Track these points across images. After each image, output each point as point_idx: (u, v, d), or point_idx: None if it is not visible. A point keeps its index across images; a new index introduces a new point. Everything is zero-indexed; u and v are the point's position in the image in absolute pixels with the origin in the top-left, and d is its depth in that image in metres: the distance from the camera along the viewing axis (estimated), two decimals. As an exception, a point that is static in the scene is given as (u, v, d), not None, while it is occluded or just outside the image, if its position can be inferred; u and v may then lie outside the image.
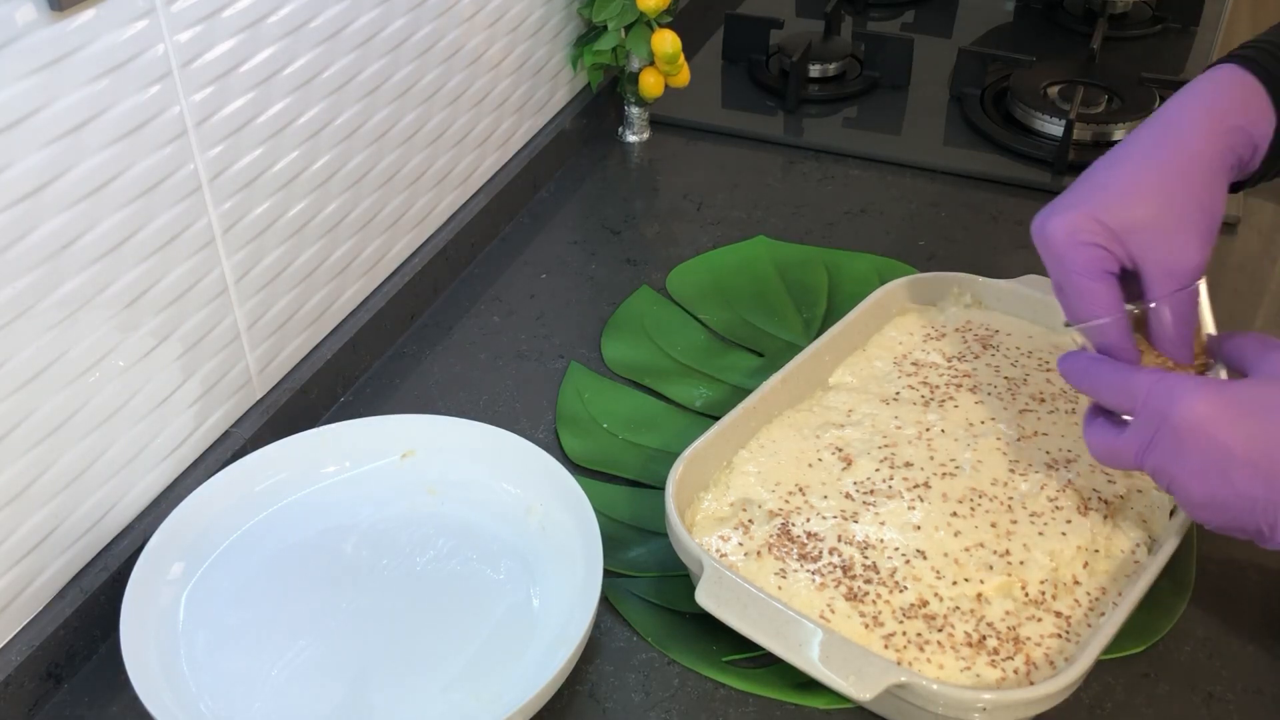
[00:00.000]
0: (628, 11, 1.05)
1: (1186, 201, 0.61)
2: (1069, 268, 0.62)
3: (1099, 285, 0.62)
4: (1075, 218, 0.62)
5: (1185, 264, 0.62)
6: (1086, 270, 0.62)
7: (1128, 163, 0.63)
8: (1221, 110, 0.62)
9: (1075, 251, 0.62)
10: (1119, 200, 0.61)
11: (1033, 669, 0.64)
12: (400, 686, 0.67)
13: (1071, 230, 0.62)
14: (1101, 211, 0.61)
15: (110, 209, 0.65)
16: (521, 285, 0.98)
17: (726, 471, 0.75)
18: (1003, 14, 1.40)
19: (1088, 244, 0.61)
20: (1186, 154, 0.62)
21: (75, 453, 0.68)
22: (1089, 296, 0.63)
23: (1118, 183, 0.62)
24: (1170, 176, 0.62)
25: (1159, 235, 0.61)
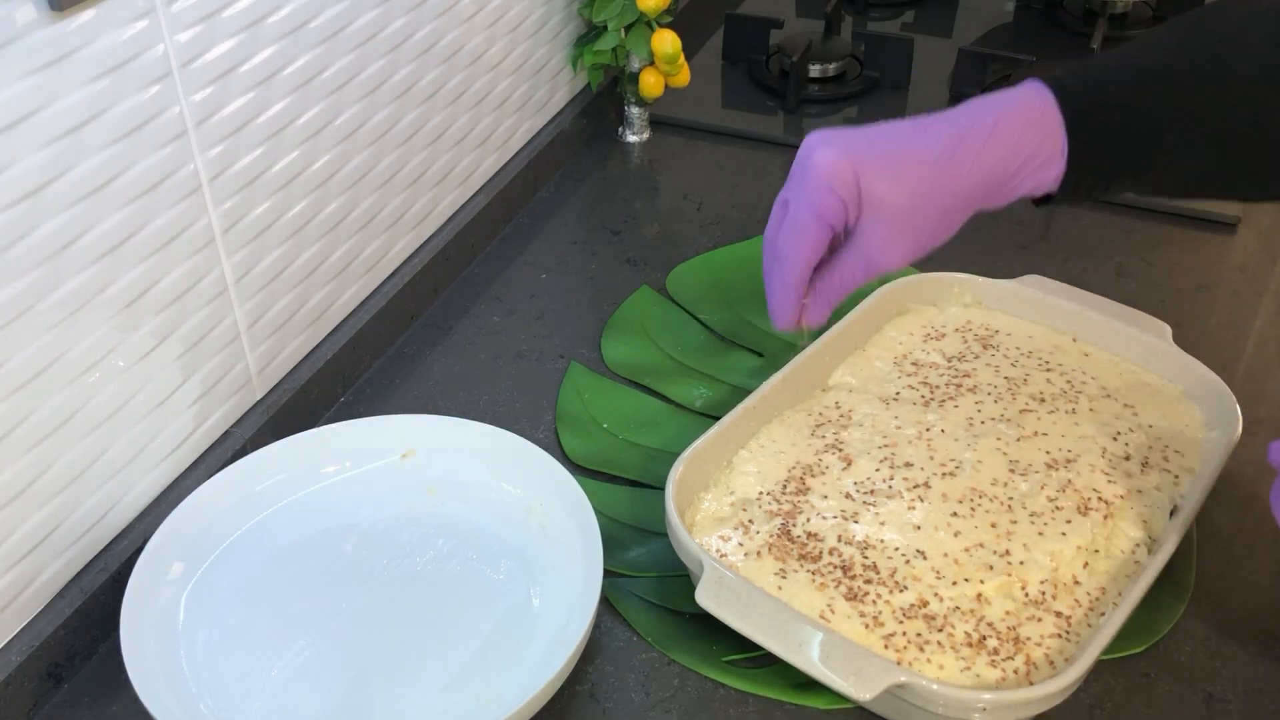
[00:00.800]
0: (628, 11, 1.05)
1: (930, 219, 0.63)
2: (810, 205, 0.63)
3: (820, 232, 0.63)
4: (842, 164, 0.62)
5: (889, 265, 0.64)
6: (821, 214, 0.63)
7: (914, 153, 0.62)
8: (1010, 147, 0.61)
9: (826, 195, 0.62)
10: (877, 177, 0.62)
11: (1033, 669, 0.64)
12: (400, 686, 0.67)
13: (832, 173, 0.62)
14: (862, 170, 0.62)
15: (110, 209, 0.65)
16: (521, 285, 0.98)
17: (726, 471, 0.75)
18: (1003, 14, 1.40)
19: (835, 193, 0.62)
20: (957, 174, 0.62)
21: (75, 453, 0.68)
22: (800, 240, 0.64)
23: (887, 160, 0.62)
24: (932, 189, 0.62)
25: (885, 233, 0.62)
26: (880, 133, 0.63)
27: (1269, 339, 0.91)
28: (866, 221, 0.62)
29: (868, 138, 0.63)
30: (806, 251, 0.64)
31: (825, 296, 0.66)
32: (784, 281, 0.65)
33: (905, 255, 0.63)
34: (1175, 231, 1.03)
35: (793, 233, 0.64)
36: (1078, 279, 0.89)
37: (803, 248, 0.64)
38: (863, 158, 0.62)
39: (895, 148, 0.62)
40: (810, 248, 0.64)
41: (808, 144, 0.63)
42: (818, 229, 0.63)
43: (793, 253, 0.64)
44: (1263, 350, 0.90)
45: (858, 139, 0.63)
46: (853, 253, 0.64)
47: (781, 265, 0.65)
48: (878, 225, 0.62)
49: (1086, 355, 0.84)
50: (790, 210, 0.64)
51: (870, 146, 0.62)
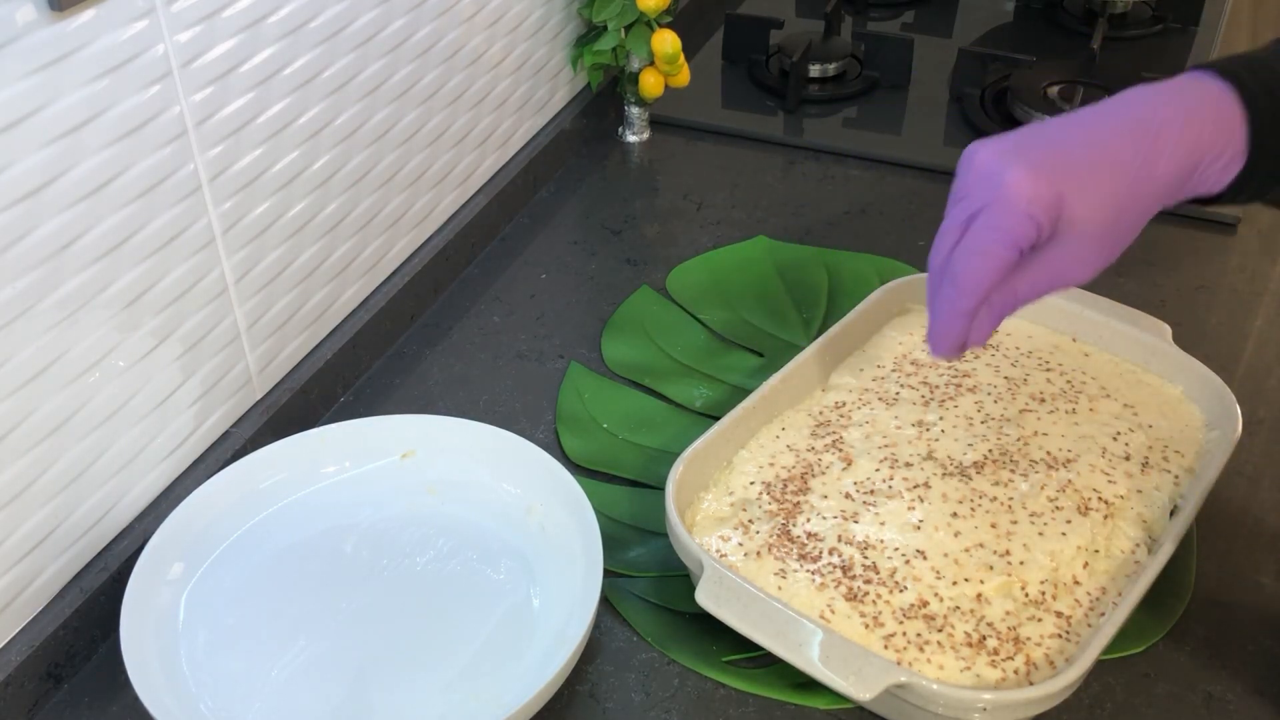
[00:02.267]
0: (628, 11, 1.05)
1: (1125, 229, 0.59)
2: (1001, 232, 0.57)
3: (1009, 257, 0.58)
4: (1043, 188, 0.56)
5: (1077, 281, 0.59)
6: (1015, 241, 0.57)
7: (1110, 163, 0.58)
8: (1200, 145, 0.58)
9: (1022, 221, 0.57)
10: (1080, 195, 0.57)
11: (1033, 669, 0.64)
12: (400, 686, 0.67)
13: (1033, 197, 0.56)
14: (1064, 191, 0.57)
15: (110, 209, 0.65)
16: (521, 285, 0.98)
17: (726, 471, 0.75)
18: (1003, 14, 1.40)
19: (1034, 219, 0.57)
20: (1151, 177, 0.58)
21: (75, 453, 0.68)
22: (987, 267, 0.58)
23: (1087, 173, 0.57)
24: (1129, 198, 0.58)
25: (1080, 251, 0.58)
26: (1064, 139, 0.58)
27: (1269, 339, 0.91)
28: (1063, 239, 0.57)
29: (1059, 148, 0.58)
30: (991, 278, 0.58)
31: (999, 312, 0.60)
32: (959, 309, 0.59)
33: (1098, 268, 0.59)
34: (1175, 231, 1.03)
35: (979, 257, 0.58)
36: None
37: (988, 275, 0.58)
38: (1061, 175, 0.57)
39: (1090, 157, 0.57)
40: (996, 275, 0.58)
41: (988, 159, 0.58)
42: (1008, 256, 0.58)
43: (975, 280, 0.58)
44: (1263, 350, 0.90)
45: (1049, 151, 0.58)
46: (1041, 268, 0.58)
47: (959, 291, 0.59)
48: (1074, 243, 0.57)
49: (1086, 355, 0.84)
50: (977, 232, 0.58)
51: (1065, 160, 0.57)
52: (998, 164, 0.57)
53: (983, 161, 0.58)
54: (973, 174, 0.59)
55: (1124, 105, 0.60)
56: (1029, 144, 0.58)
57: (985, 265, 0.58)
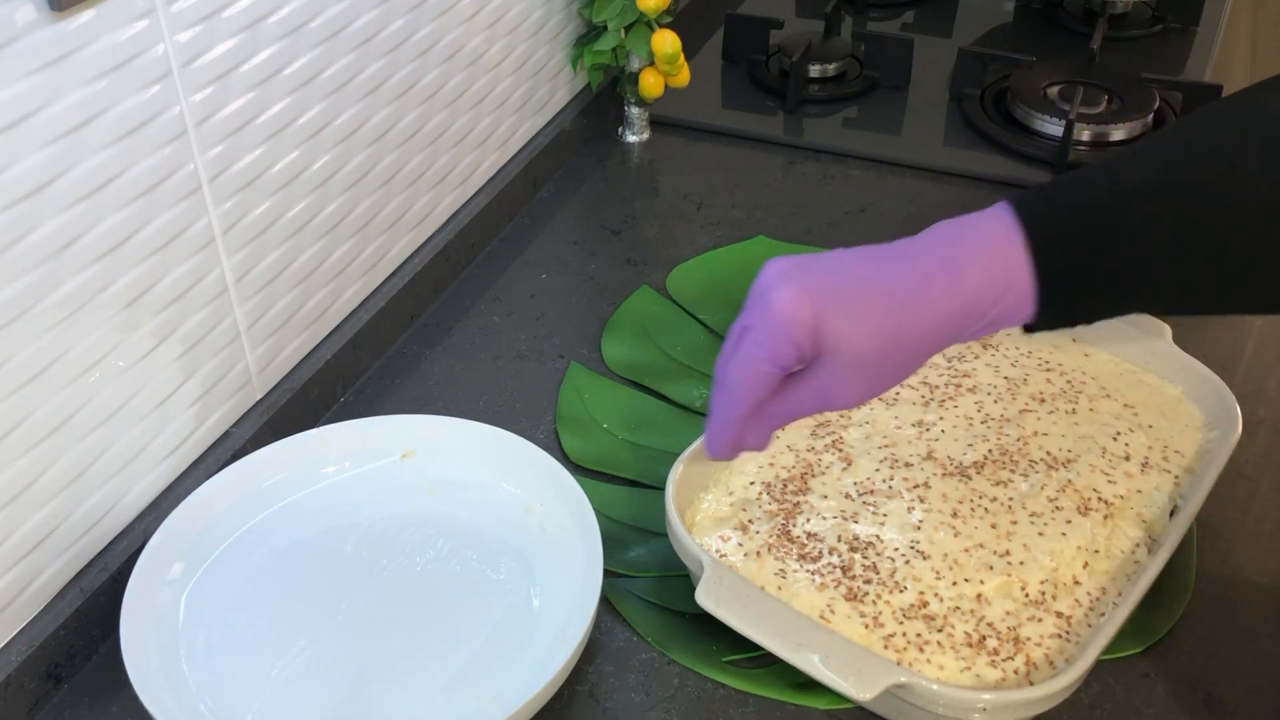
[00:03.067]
0: (628, 11, 1.05)
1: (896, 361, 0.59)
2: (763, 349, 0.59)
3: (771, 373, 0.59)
4: (804, 311, 0.57)
5: (843, 405, 0.60)
6: (776, 359, 0.59)
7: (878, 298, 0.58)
8: (975, 291, 0.57)
9: (782, 341, 0.58)
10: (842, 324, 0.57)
11: (1033, 669, 0.64)
12: (400, 686, 0.67)
13: (794, 320, 0.57)
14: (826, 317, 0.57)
15: (110, 209, 0.65)
16: (521, 285, 0.98)
17: (726, 471, 0.75)
18: (1003, 14, 1.40)
19: (793, 341, 0.58)
20: (922, 315, 0.57)
21: (75, 453, 0.68)
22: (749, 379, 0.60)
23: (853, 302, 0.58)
24: (896, 333, 0.57)
25: (843, 376, 0.59)
26: (843, 269, 0.59)
27: (1269, 339, 0.91)
28: (825, 362, 0.58)
29: (831, 275, 0.58)
30: (756, 391, 0.60)
31: (770, 424, 0.62)
32: (728, 416, 0.62)
33: (862, 395, 0.59)
34: (1175, 231, 1.02)
35: (744, 368, 0.60)
36: (1078, 279, 0.89)
37: (753, 387, 0.60)
38: (824, 301, 0.57)
39: (859, 289, 0.58)
40: (760, 387, 0.60)
41: (768, 276, 0.59)
42: (770, 371, 0.59)
43: (741, 390, 0.60)
44: (1263, 350, 0.90)
45: (820, 276, 0.58)
46: (807, 387, 0.60)
47: (727, 399, 0.61)
48: (835, 367, 0.58)
49: (1086, 355, 0.84)
50: (744, 346, 0.60)
51: (833, 286, 0.58)
52: (771, 282, 0.58)
53: (762, 278, 0.59)
54: (754, 288, 0.60)
55: (912, 243, 0.59)
56: (807, 269, 0.59)
57: (749, 379, 0.60)
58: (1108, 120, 1.12)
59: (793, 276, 0.58)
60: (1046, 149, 1.11)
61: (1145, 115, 1.13)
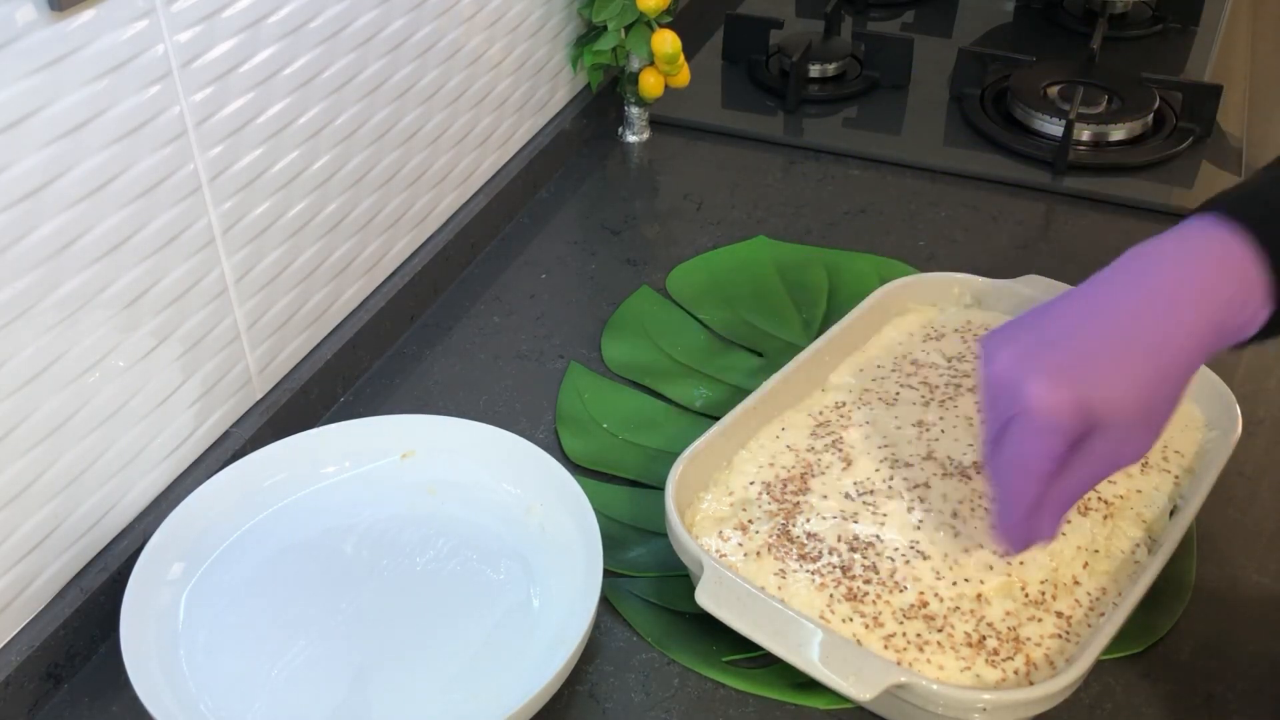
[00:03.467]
0: (628, 11, 1.05)
1: (1162, 403, 0.58)
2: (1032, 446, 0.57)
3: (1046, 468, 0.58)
4: (1064, 394, 0.56)
5: (1132, 461, 0.59)
6: (1048, 453, 0.57)
7: (1130, 353, 0.57)
8: (1220, 309, 0.56)
9: (1050, 434, 0.57)
10: (1106, 392, 0.56)
11: (1033, 669, 0.64)
12: (400, 686, 0.67)
13: (1056, 407, 0.56)
14: (1088, 392, 0.56)
15: (110, 209, 0.65)
16: (521, 285, 0.98)
17: (726, 471, 0.75)
18: (1003, 14, 1.40)
19: (1060, 428, 0.56)
20: (1176, 351, 0.57)
21: (75, 453, 0.68)
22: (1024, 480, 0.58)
23: (1109, 367, 0.56)
24: (1158, 378, 0.57)
25: (1123, 439, 0.57)
26: (1079, 333, 0.57)
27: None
28: (1101, 435, 0.57)
29: (1071, 344, 0.57)
30: (1035, 487, 0.59)
31: (1061, 507, 0.60)
32: (1014, 518, 0.60)
33: (1149, 444, 0.58)
34: (1175, 231, 1.02)
35: (1017, 472, 0.58)
36: (1078, 279, 0.88)
37: (1031, 486, 0.59)
38: (1082, 376, 0.56)
39: (1107, 351, 0.56)
40: (1040, 483, 0.58)
41: (1007, 367, 0.57)
42: (1043, 467, 0.58)
43: (1019, 491, 0.59)
44: (1263, 350, 0.90)
45: (1063, 352, 0.57)
46: (1091, 460, 0.58)
47: (1009, 503, 0.60)
48: (1113, 432, 0.57)
49: (1086, 355, 0.84)
50: (1010, 449, 0.58)
51: (1084, 358, 0.56)
52: (1016, 374, 0.57)
53: (1001, 370, 0.58)
54: (994, 382, 0.59)
55: (1132, 279, 0.58)
56: (1046, 343, 0.57)
57: (1026, 479, 0.58)
58: (1108, 120, 1.12)
59: (1036, 360, 0.57)
60: (1046, 149, 1.11)
61: (1145, 115, 1.13)
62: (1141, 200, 1.05)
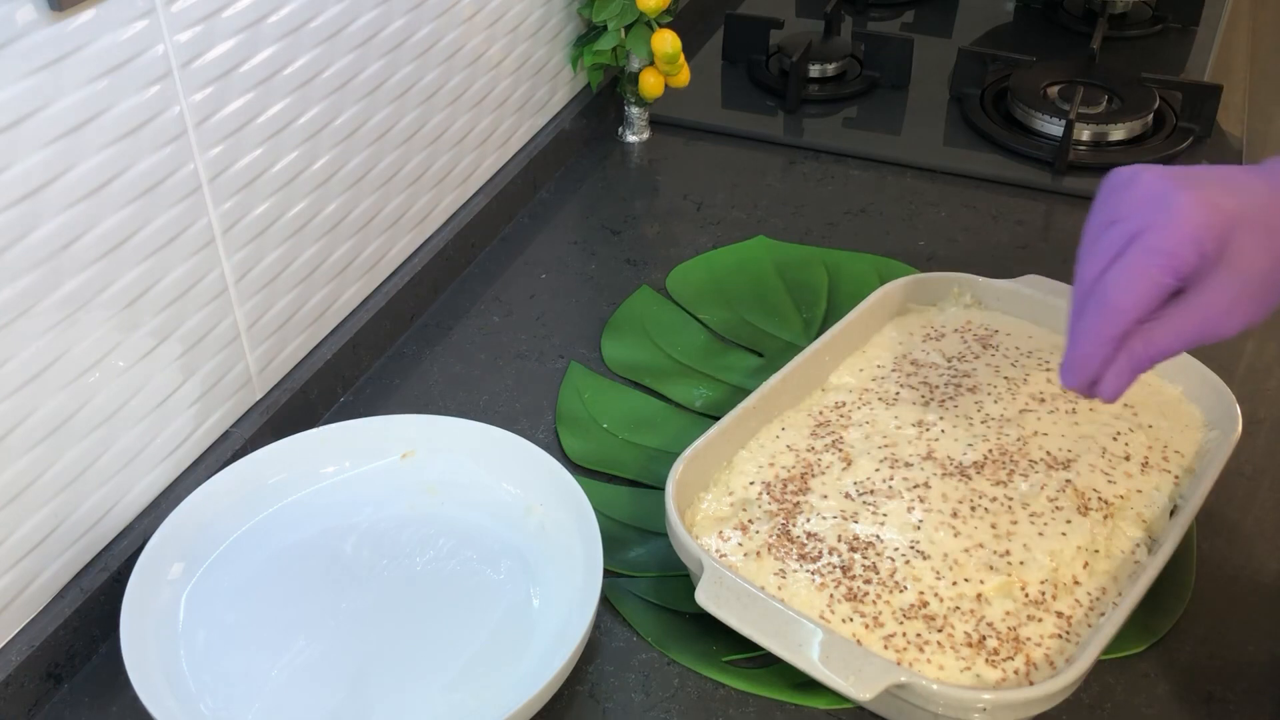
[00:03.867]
0: (628, 11, 1.05)
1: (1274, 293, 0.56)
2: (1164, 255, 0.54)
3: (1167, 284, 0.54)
4: (1217, 216, 0.53)
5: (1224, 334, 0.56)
6: (1178, 268, 0.54)
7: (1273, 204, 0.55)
8: None
9: (1188, 247, 0.53)
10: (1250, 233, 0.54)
11: (1032, 669, 0.64)
12: (400, 686, 0.67)
13: (1206, 223, 0.53)
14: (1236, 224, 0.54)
15: (110, 209, 0.65)
16: (521, 285, 0.98)
17: (726, 471, 0.75)
18: (1003, 14, 1.40)
19: (1201, 247, 0.53)
20: None
21: (75, 453, 0.68)
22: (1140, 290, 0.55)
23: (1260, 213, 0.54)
24: None
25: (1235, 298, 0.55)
26: (1239, 184, 0.55)
27: (1269, 339, 0.91)
28: (1219, 281, 0.54)
29: (1232, 183, 0.55)
30: (1144, 305, 0.55)
31: (1137, 365, 0.57)
32: (1104, 334, 0.56)
33: (1251, 320, 0.56)
34: (1175, 231, 1.02)
35: (1135, 281, 0.55)
36: (1078, 279, 0.89)
37: (1141, 301, 0.55)
38: (1235, 208, 0.54)
39: (1262, 203, 0.54)
40: (1151, 302, 0.55)
41: (1160, 182, 0.55)
42: (1166, 282, 0.54)
43: (1127, 303, 0.55)
44: (1263, 350, 0.90)
45: (1222, 184, 0.55)
46: (1190, 314, 0.55)
47: (1107, 313, 0.56)
48: (1231, 286, 0.54)
49: (1086, 355, 0.84)
50: (1136, 253, 0.54)
51: (1239, 195, 0.54)
52: (1168, 185, 0.54)
53: (1150, 182, 0.55)
54: (1137, 194, 0.55)
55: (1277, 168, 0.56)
56: (1199, 174, 0.55)
57: (1141, 288, 0.55)
58: (1108, 120, 1.12)
59: (1191, 183, 0.54)
60: (1046, 149, 1.11)
61: (1145, 115, 1.13)
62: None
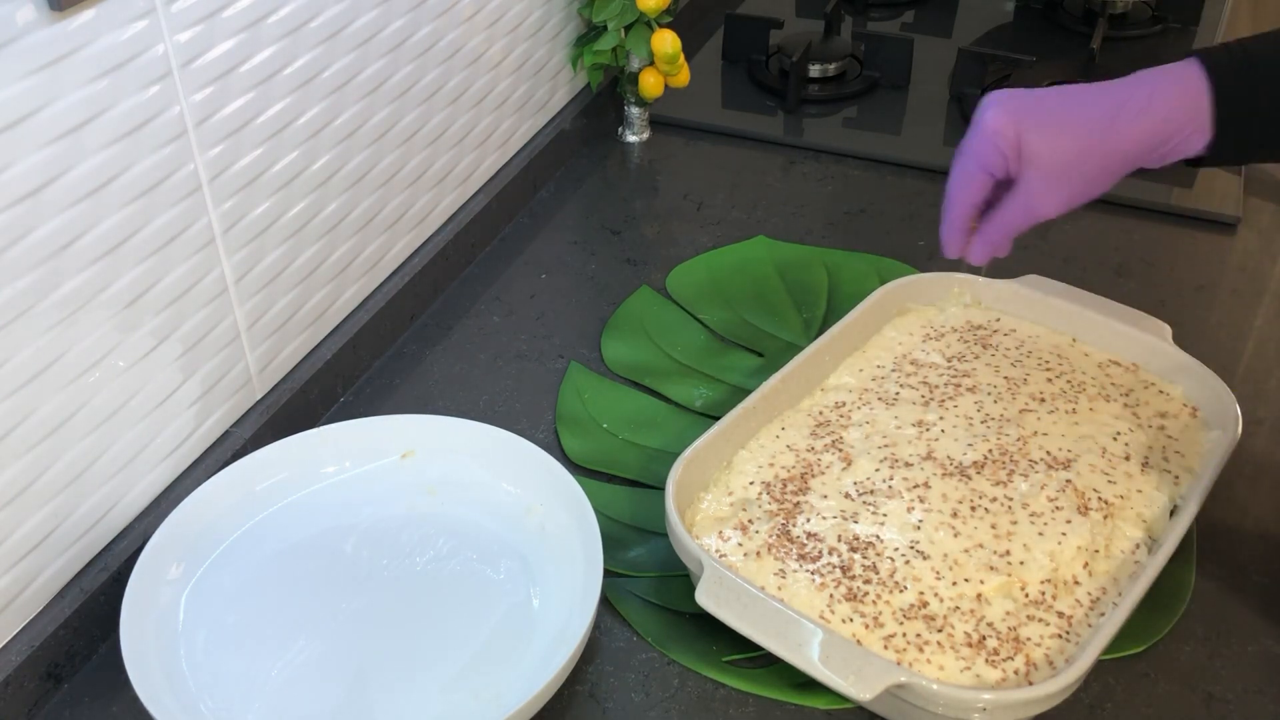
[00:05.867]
0: (628, 11, 1.05)
1: (1088, 172, 0.68)
2: (972, 156, 0.70)
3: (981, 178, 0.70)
4: (1007, 124, 0.68)
5: (1046, 213, 0.69)
6: (983, 164, 0.70)
7: (1072, 115, 0.68)
8: (1163, 117, 0.66)
9: (987, 148, 0.69)
10: (1038, 135, 0.68)
11: (1032, 669, 0.64)
12: (400, 686, 0.67)
13: (998, 130, 0.68)
14: (1025, 129, 0.68)
15: (110, 209, 0.65)
16: (521, 285, 0.98)
17: (726, 471, 0.75)
18: (1003, 14, 1.40)
19: (998, 148, 0.69)
20: (1111, 136, 0.67)
21: (75, 453, 0.68)
22: (963, 183, 0.71)
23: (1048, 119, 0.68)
24: (1087, 147, 0.67)
25: (1042, 185, 0.68)
26: (1047, 95, 0.69)
27: (1269, 339, 0.91)
28: (1026, 172, 0.68)
29: (1034, 98, 0.69)
30: (970, 195, 0.71)
31: (988, 237, 0.72)
32: (949, 220, 0.73)
33: (1062, 204, 0.69)
34: (1175, 231, 1.03)
35: (958, 178, 0.71)
36: (1078, 279, 0.89)
37: (966, 191, 0.71)
38: (1026, 116, 0.68)
39: (1057, 109, 0.68)
40: (973, 192, 0.71)
41: (983, 102, 0.70)
42: (980, 176, 0.70)
43: (957, 195, 0.71)
44: (1263, 350, 0.90)
45: (1025, 99, 0.69)
46: (1014, 199, 0.70)
47: (949, 206, 0.72)
48: (1035, 176, 0.68)
49: (1086, 355, 0.84)
50: (959, 159, 0.71)
51: (1035, 106, 0.68)
52: (983, 105, 0.70)
53: (980, 105, 0.70)
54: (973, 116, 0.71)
55: (1114, 80, 0.69)
56: (1015, 95, 0.70)
57: (965, 183, 0.71)
58: (1108, 120, 1.12)
59: (1001, 100, 0.69)
60: (1046, 149, 1.11)
61: (1145, 115, 1.13)
62: (1141, 200, 1.05)
